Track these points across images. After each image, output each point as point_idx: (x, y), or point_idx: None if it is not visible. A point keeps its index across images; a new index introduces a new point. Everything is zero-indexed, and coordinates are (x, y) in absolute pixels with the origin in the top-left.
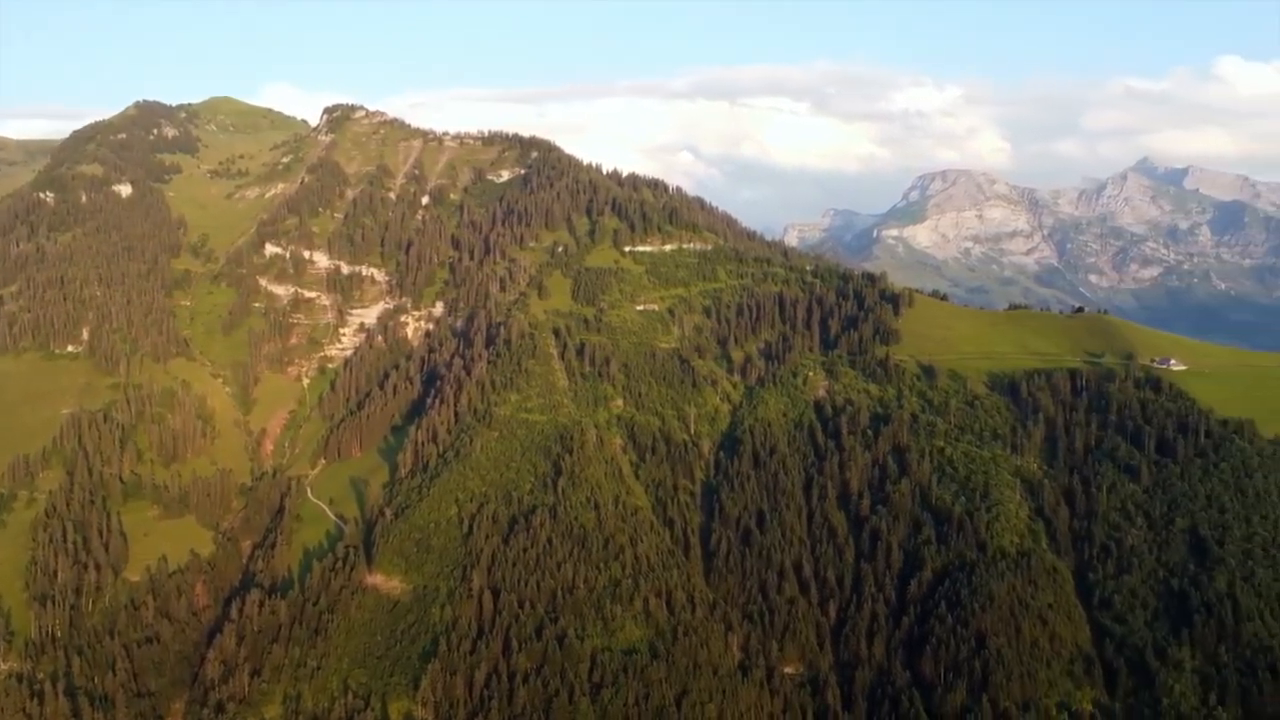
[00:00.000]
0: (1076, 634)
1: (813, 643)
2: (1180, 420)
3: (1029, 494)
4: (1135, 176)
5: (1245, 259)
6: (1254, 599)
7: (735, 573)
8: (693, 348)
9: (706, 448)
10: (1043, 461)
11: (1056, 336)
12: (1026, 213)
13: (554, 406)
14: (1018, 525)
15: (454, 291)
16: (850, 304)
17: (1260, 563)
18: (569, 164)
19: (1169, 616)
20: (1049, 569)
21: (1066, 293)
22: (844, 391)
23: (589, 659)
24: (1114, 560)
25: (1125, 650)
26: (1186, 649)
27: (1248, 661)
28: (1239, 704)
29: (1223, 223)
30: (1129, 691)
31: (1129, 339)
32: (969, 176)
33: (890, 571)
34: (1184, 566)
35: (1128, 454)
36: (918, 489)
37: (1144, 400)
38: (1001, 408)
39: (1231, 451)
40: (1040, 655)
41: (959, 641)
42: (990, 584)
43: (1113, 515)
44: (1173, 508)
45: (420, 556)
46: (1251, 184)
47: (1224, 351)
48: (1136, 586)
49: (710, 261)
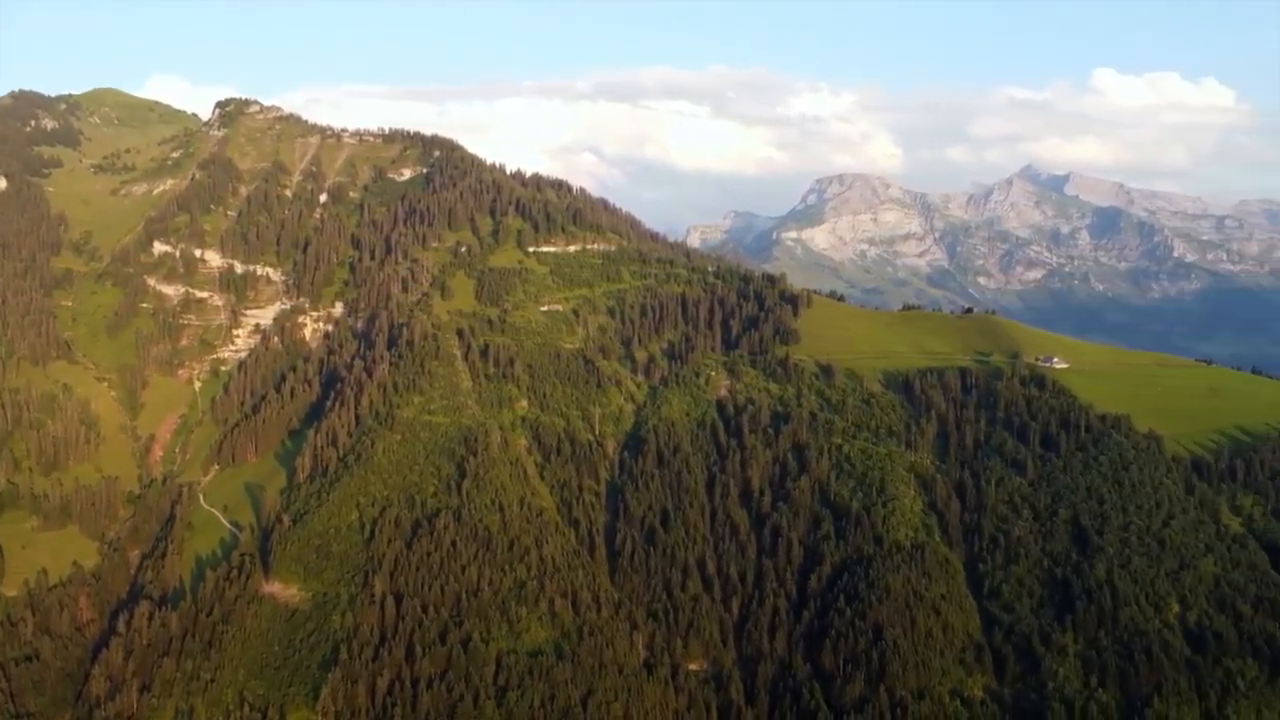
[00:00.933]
0: (968, 623)
1: (716, 639)
2: (1063, 416)
3: (922, 489)
4: (1020, 182)
5: (1121, 262)
6: (1131, 585)
7: (640, 572)
8: (597, 348)
9: (611, 448)
10: (935, 457)
11: (948, 336)
12: (919, 216)
13: (458, 408)
14: (912, 519)
15: (354, 292)
16: (751, 305)
17: (1136, 551)
18: (472, 163)
19: (1053, 603)
20: (942, 561)
21: (957, 294)
22: (745, 391)
23: (494, 662)
24: (1002, 551)
25: (1013, 637)
26: (1069, 634)
27: (1125, 644)
28: (1117, 685)
29: (1101, 227)
30: (1016, 677)
31: (1015, 338)
32: (864, 181)
33: (791, 567)
34: (1067, 555)
35: (1014, 449)
36: (817, 486)
37: (1029, 397)
38: (896, 405)
39: (1109, 445)
40: (934, 644)
41: (857, 633)
42: (886, 577)
43: (1001, 508)
44: (1056, 499)
45: (320, 563)
46: (1126, 191)
47: (1102, 350)
48: (1023, 576)
49: (614, 262)
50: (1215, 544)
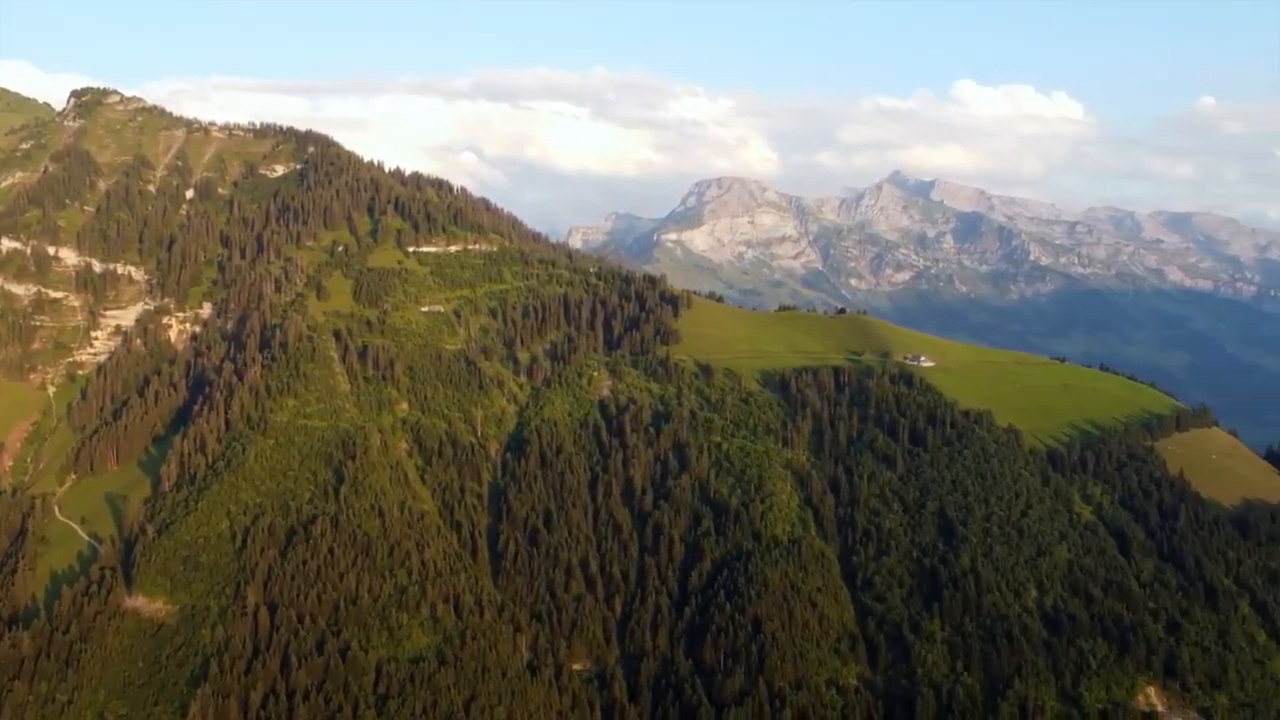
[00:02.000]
0: (842, 614)
1: (599, 638)
2: (929, 412)
3: (799, 484)
4: (889, 188)
5: (983, 265)
6: (993, 573)
7: (523, 573)
8: (479, 349)
9: (494, 449)
10: (811, 453)
11: (822, 336)
12: (794, 219)
13: (335, 411)
14: (789, 515)
15: (223, 292)
16: (632, 305)
17: (998, 540)
18: (349, 160)
19: (922, 592)
20: (817, 554)
21: (830, 295)
22: (627, 390)
23: (374, 670)
24: (874, 543)
25: (885, 626)
26: (937, 621)
27: (988, 629)
28: (981, 668)
29: (964, 232)
30: (888, 664)
31: (885, 338)
32: (742, 184)
33: (672, 564)
34: (934, 546)
35: (885, 444)
36: (697, 483)
37: (898, 395)
38: (773, 403)
39: (973, 440)
40: (811, 636)
41: (737, 628)
42: (765, 571)
43: (872, 501)
44: (924, 493)
45: (187, 575)
46: (987, 197)
47: (965, 349)
48: (894, 567)
49: (496, 263)
50: (1069, 531)
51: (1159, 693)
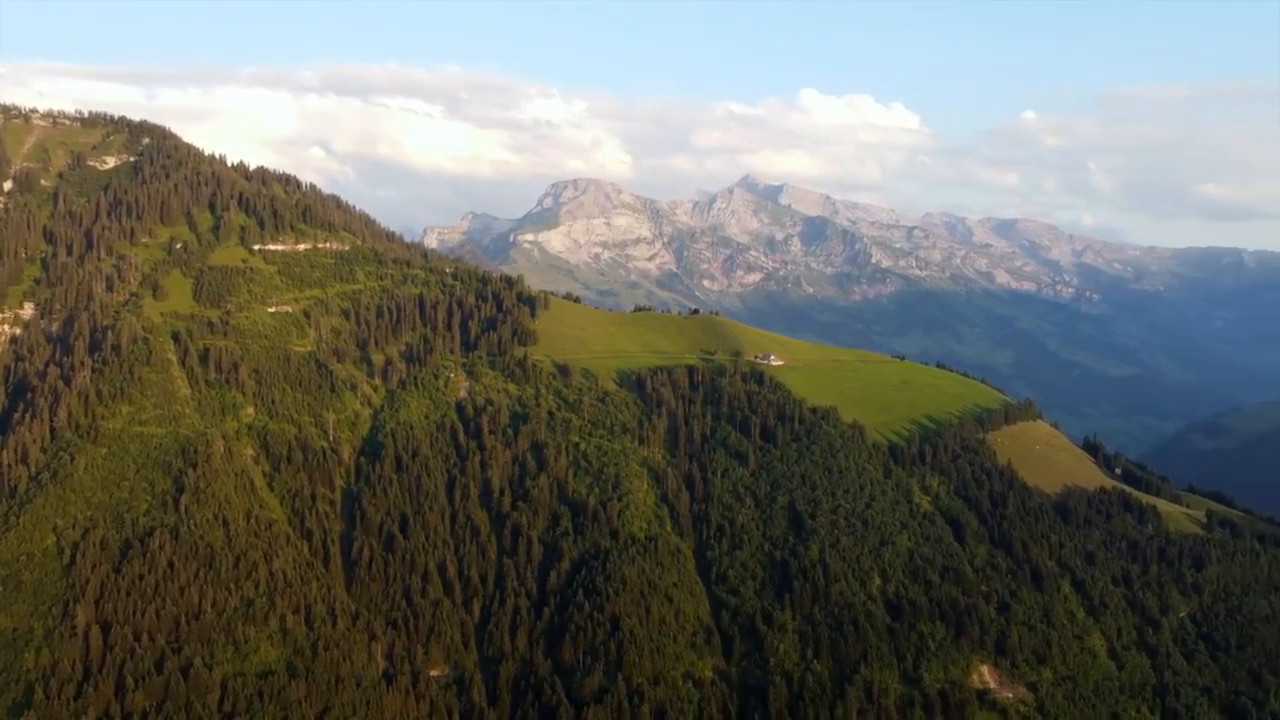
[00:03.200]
0: (698, 608)
1: (458, 643)
2: (779, 409)
3: (655, 482)
4: (740, 191)
5: (828, 267)
6: (840, 563)
7: (379, 580)
8: (331, 351)
9: (347, 453)
10: (666, 451)
11: (676, 336)
12: (649, 221)
13: (174, 418)
14: (646, 512)
15: (48, 291)
16: (489, 306)
17: (844, 531)
18: (188, 153)
19: (773, 584)
20: (673, 550)
21: (684, 296)
22: (484, 392)
23: (219, 687)
24: (728, 538)
25: (738, 619)
26: (788, 612)
27: (836, 618)
28: (830, 656)
29: (810, 235)
30: (742, 655)
31: (737, 338)
32: (598, 186)
33: (531, 565)
34: (784, 539)
35: (738, 441)
36: (555, 483)
37: (750, 392)
38: (630, 403)
39: (820, 435)
40: (668, 631)
41: (595, 626)
42: (623, 569)
43: (726, 497)
44: (775, 487)
45: (8, 595)
46: (832, 202)
47: (812, 348)
48: (747, 560)
49: (348, 262)
50: (909, 521)
51: (991, 670)
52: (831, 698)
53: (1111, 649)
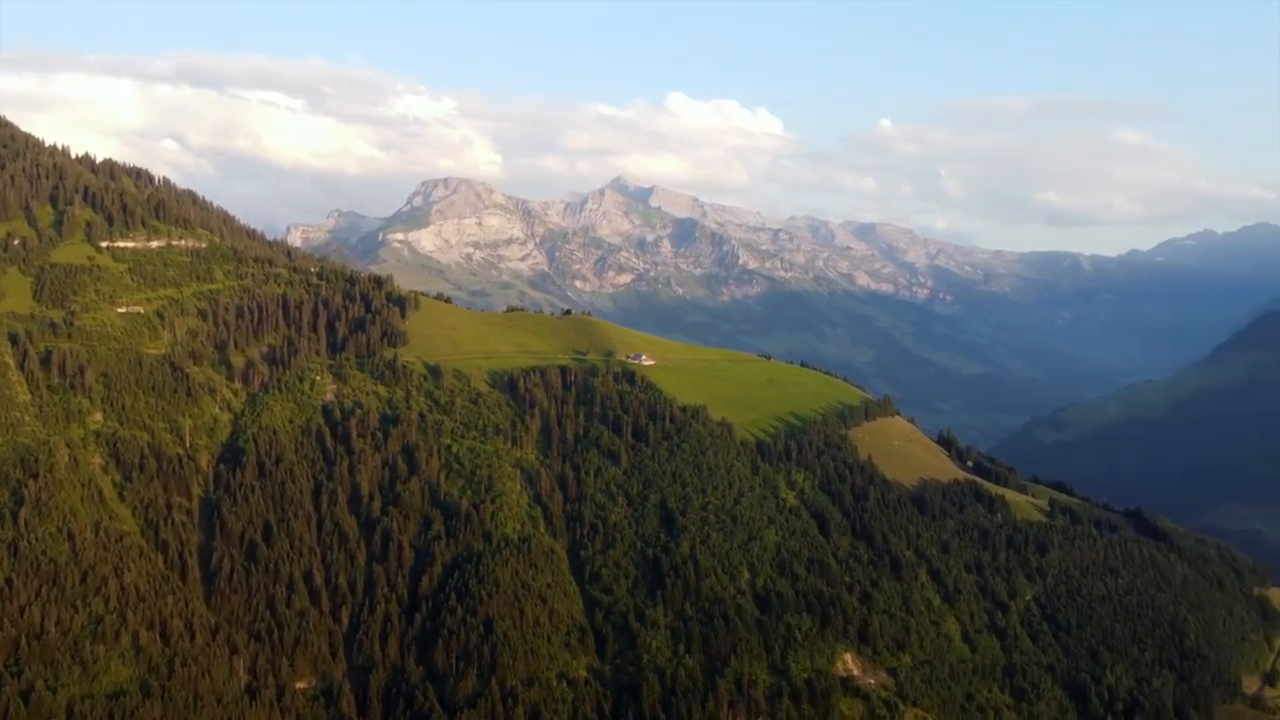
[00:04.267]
0: (572, 608)
1: (325, 653)
2: (650, 409)
3: (528, 483)
4: (611, 193)
5: (697, 268)
6: (710, 558)
7: (240, 591)
8: (187, 354)
9: (205, 461)
10: (539, 452)
11: (548, 336)
12: (521, 222)
13: (12, 425)
14: (519, 513)
15: None
16: (358, 306)
17: (714, 527)
18: (26, 143)
19: (646, 582)
20: (547, 551)
21: (557, 296)
22: (353, 394)
23: (64, 711)
24: (601, 537)
25: (612, 617)
26: (660, 609)
27: (706, 612)
28: (701, 650)
29: (680, 237)
30: (616, 653)
31: (609, 338)
32: (469, 185)
33: (402, 570)
34: (656, 537)
35: (610, 440)
36: (427, 486)
37: (622, 392)
38: (502, 404)
39: (690, 434)
40: (541, 632)
41: (469, 630)
42: (496, 571)
43: (599, 497)
44: (647, 486)
45: None
46: (701, 204)
47: (682, 348)
48: (620, 559)
49: (205, 260)
50: (776, 516)
51: (854, 658)
52: (703, 691)
53: (965, 633)
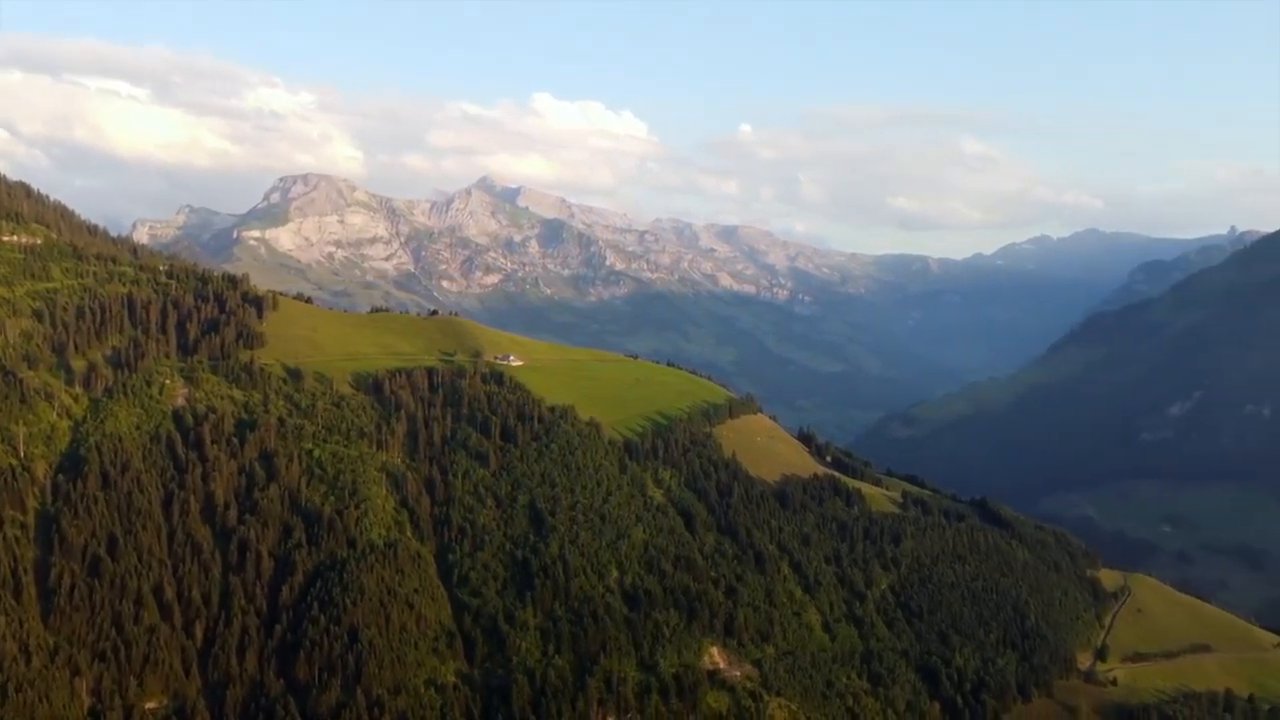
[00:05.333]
0: (440, 613)
1: (178, 670)
2: (519, 409)
3: (394, 487)
4: (478, 193)
5: (565, 269)
6: (579, 558)
7: (82, 609)
8: (21, 357)
9: (41, 471)
10: (406, 455)
11: (414, 337)
12: (385, 221)
13: None
14: (385, 518)
15: None
16: (211, 307)
17: (583, 526)
18: None
19: (515, 583)
20: (414, 556)
21: (423, 297)
22: (206, 399)
23: None
24: (469, 539)
25: (481, 620)
26: (530, 610)
27: (576, 612)
28: (571, 650)
29: (548, 237)
30: (485, 657)
31: (477, 338)
32: (330, 182)
33: (261, 581)
34: (526, 538)
35: (478, 442)
36: (287, 493)
37: (490, 393)
38: (367, 406)
39: (559, 434)
40: (409, 638)
41: (332, 639)
42: (361, 578)
43: (467, 499)
44: (516, 487)
45: None
46: (568, 205)
47: (550, 348)
48: (488, 561)
49: (40, 258)
50: (644, 514)
51: (721, 651)
52: (573, 690)
53: (825, 622)
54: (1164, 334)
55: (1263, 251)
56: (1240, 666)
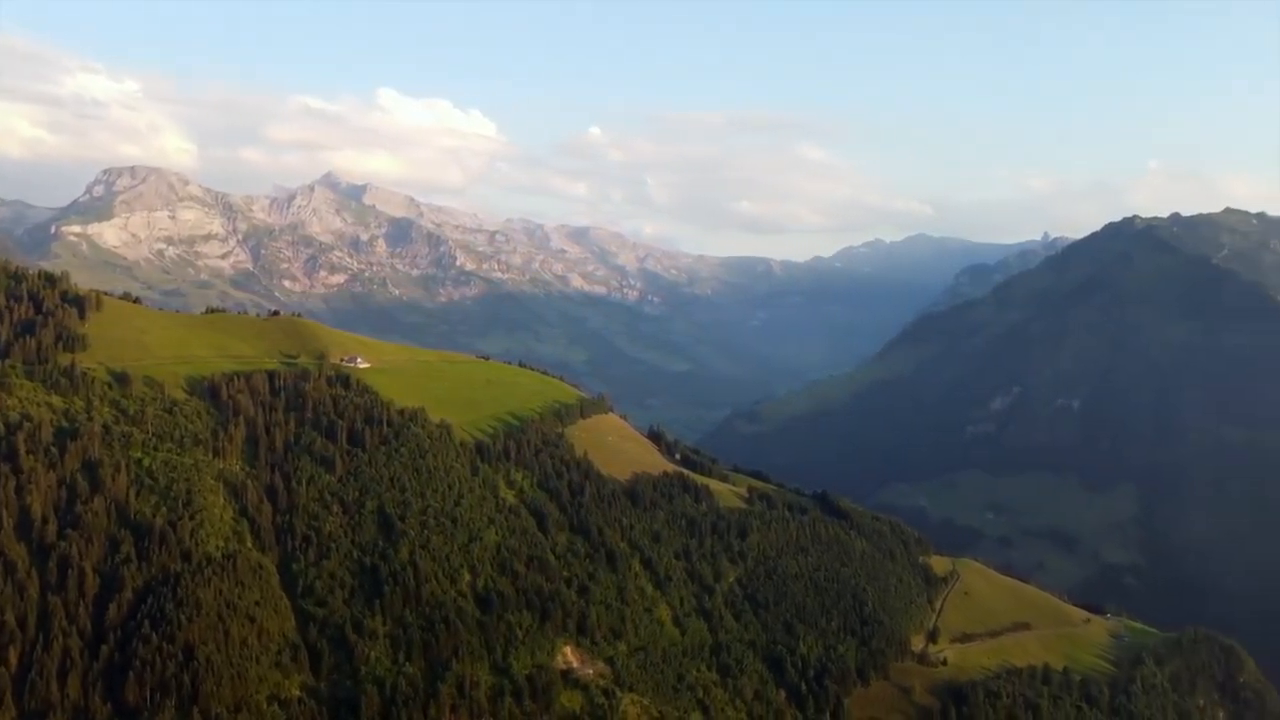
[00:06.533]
0: (283, 625)
1: None
2: (367, 412)
3: (233, 496)
4: (322, 190)
5: (414, 269)
6: (431, 562)
7: None
8: None
9: None
10: (245, 462)
11: (254, 339)
12: (221, 217)
13: None
14: (223, 529)
15: None
16: (25, 307)
17: (434, 530)
18: None
19: (364, 591)
20: (254, 567)
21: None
22: (20, 406)
23: None
24: (315, 548)
25: (327, 630)
26: (379, 618)
27: (428, 618)
28: (422, 656)
29: (396, 237)
30: (332, 668)
31: (321, 340)
32: (160, 175)
33: (85, 599)
34: (375, 544)
35: (324, 447)
36: (114, 505)
37: (336, 396)
38: (202, 412)
39: (409, 437)
40: (250, 653)
41: (165, 659)
42: (197, 592)
43: (312, 506)
44: (364, 492)
45: None
46: (416, 204)
47: (399, 349)
48: (335, 569)
49: None
50: (496, 516)
51: (574, 650)
52: (424, 698)
53: (676, 617)
54: (986, 333)
55: (1071, 257)
56: (1056, 642)
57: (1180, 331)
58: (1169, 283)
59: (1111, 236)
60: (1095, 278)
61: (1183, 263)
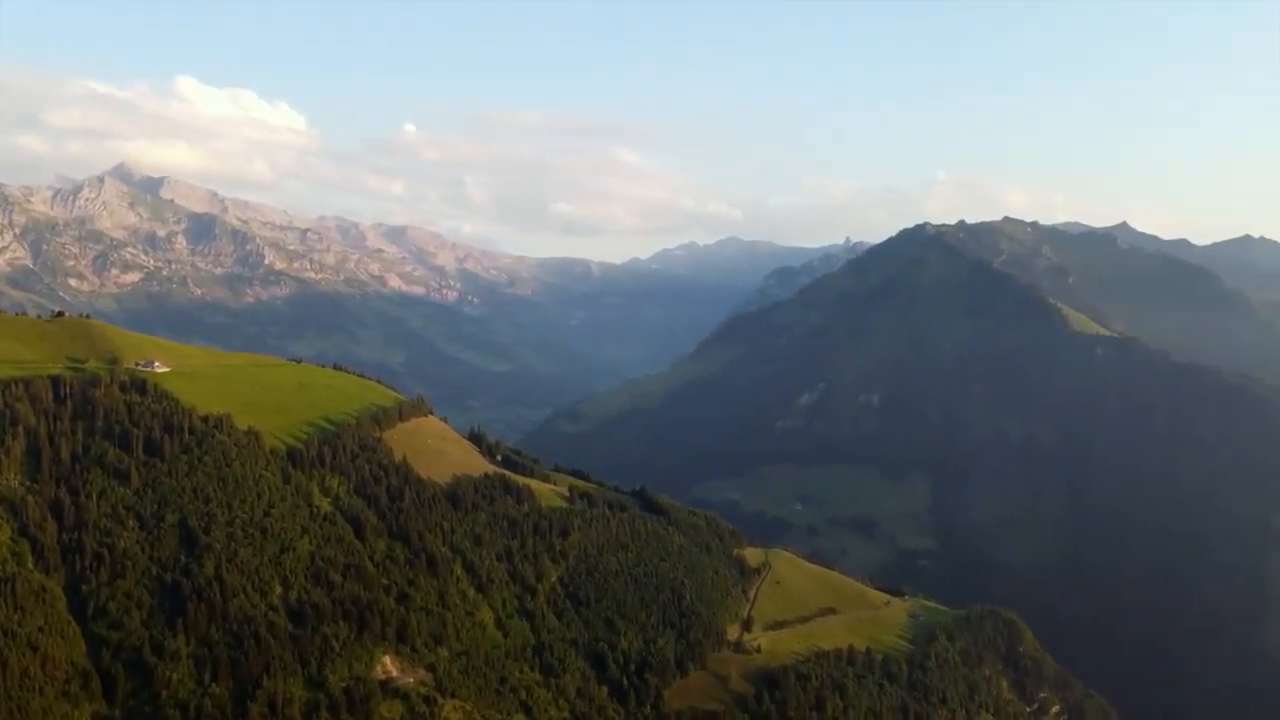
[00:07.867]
0: (71, 651)
1: None
2: (166, 420)
3: (11, 514)
4: (113, 182)
5: (218, 267)
6: (239, 576)
7: None
8: None
9: None
10: (25, 476)
11: (35, 342)
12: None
13: None
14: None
15: None
16: None
17: (242, 543)
18: None
19: (164, 610)
20: (37, 590)
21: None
22: None
23: None
24: (107, 567)
25: (123, 654)
26: (182, 638)
27: (236, 635)
28: (230, 675)
29: (197, 233)
30: (129, 694)
31: (114, 343)
32: None
33: None
34: (176, 559)
35: (117, 458)
36: None
37: (130, 403)
38: None
39: (214, 445)
40: (32, 685)
41: None
42: None
43: (104, 522)
44: (163, 505)
45: None
46: (220, 199)
47: (202, 352)
48: (131, 589)
49: None
50: (310, 524)
51: (394, 659)
52: (232, 718)
53: (498, 619)
54: (793, 333)
55: (870, 261)
56: (860, 624)
57: (965, 331)
58: (956, 286)
59: (905, 241)
60: (892, 280)
61: (967, 267)
